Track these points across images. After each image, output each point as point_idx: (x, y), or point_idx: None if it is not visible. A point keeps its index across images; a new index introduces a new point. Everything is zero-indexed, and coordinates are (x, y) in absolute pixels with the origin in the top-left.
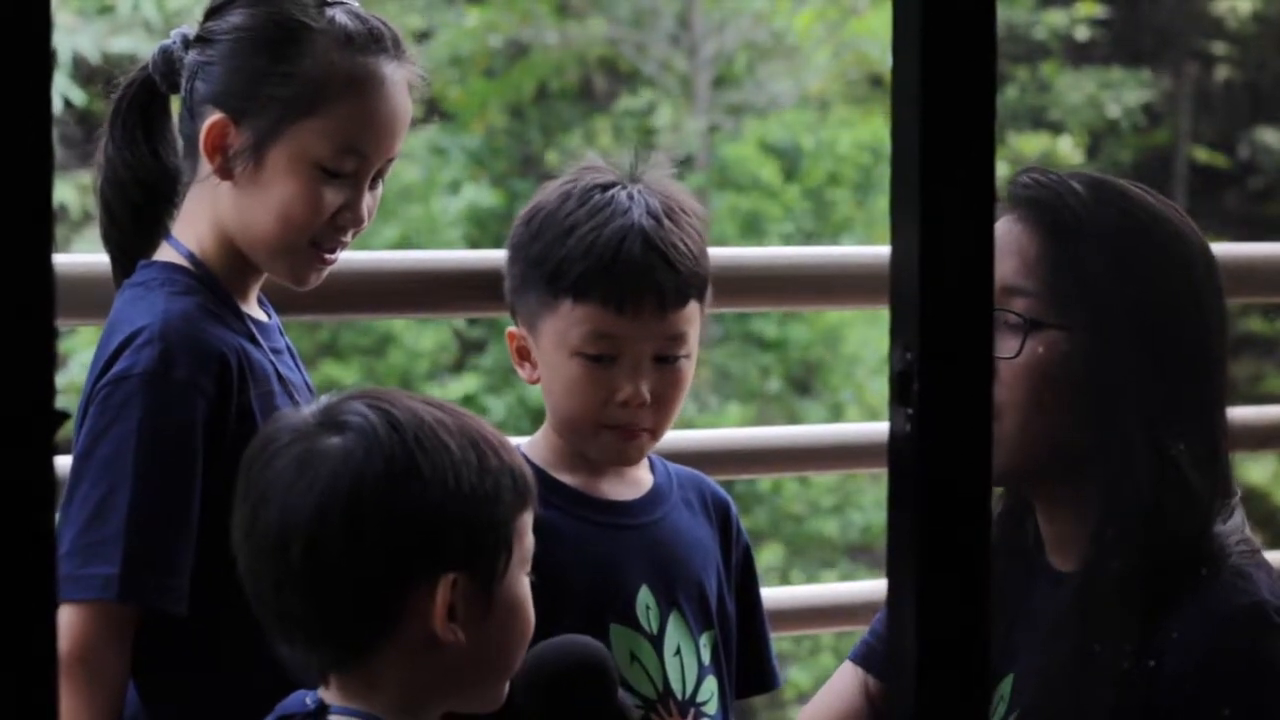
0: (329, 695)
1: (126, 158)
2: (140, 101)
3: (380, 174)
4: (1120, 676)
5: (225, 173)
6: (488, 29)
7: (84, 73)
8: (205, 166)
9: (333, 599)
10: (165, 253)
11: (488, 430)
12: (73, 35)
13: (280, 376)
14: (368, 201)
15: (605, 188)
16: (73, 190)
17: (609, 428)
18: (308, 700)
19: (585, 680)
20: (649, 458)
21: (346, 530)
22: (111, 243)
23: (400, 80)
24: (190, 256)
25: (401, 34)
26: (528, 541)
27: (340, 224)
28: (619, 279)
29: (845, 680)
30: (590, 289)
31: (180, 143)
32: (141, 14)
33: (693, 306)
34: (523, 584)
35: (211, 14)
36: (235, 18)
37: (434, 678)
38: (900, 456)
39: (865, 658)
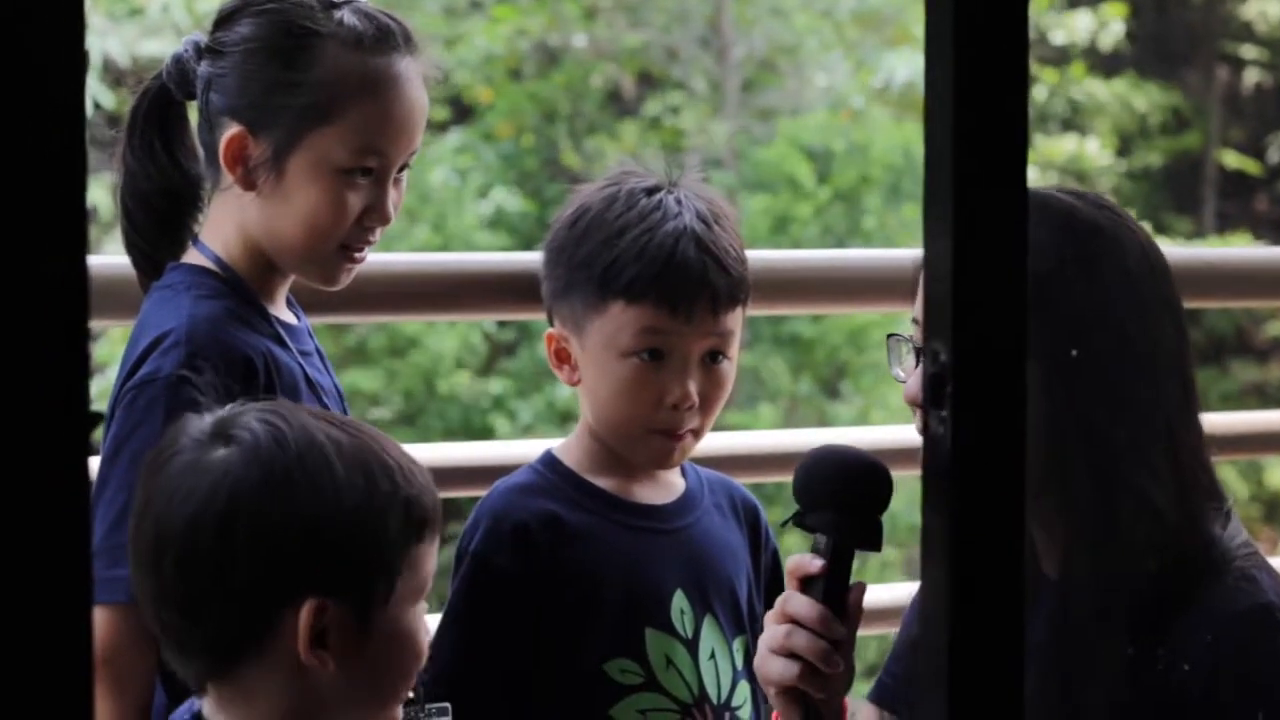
0: (207, 706)
1: (147, 167)
2: (156, 111)
3: (404, 168)
4: (1123, 685)
5: (248, 184)
6: (517, 33)
7: (114, 75)
8: (228, 177)
9: (202, 613)
10: (192, 256)
11: (390, 456)
12: (103, 38)
13: (309, 379)
14: (392, 197)
15: (650, 191)
16: (104, 192)
17: (657, 431)
18: (190, 709)
19: (878, 476)
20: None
21: (216, 545)
22: (135, 249)
23: (414, 75)
24: (217, 260)
25: (412, 27)
26: (423, 572)
27: (367, 224)
28: (674, 281)
29: None
30: (645, 290)
31: (200, 149)
32: (171, 17)
33: (739, 309)
34: (411, 616)
35: (220, 24)
36: (244, 28)
37: (305, 702)
38: (934, 459)
39: (883, 697)
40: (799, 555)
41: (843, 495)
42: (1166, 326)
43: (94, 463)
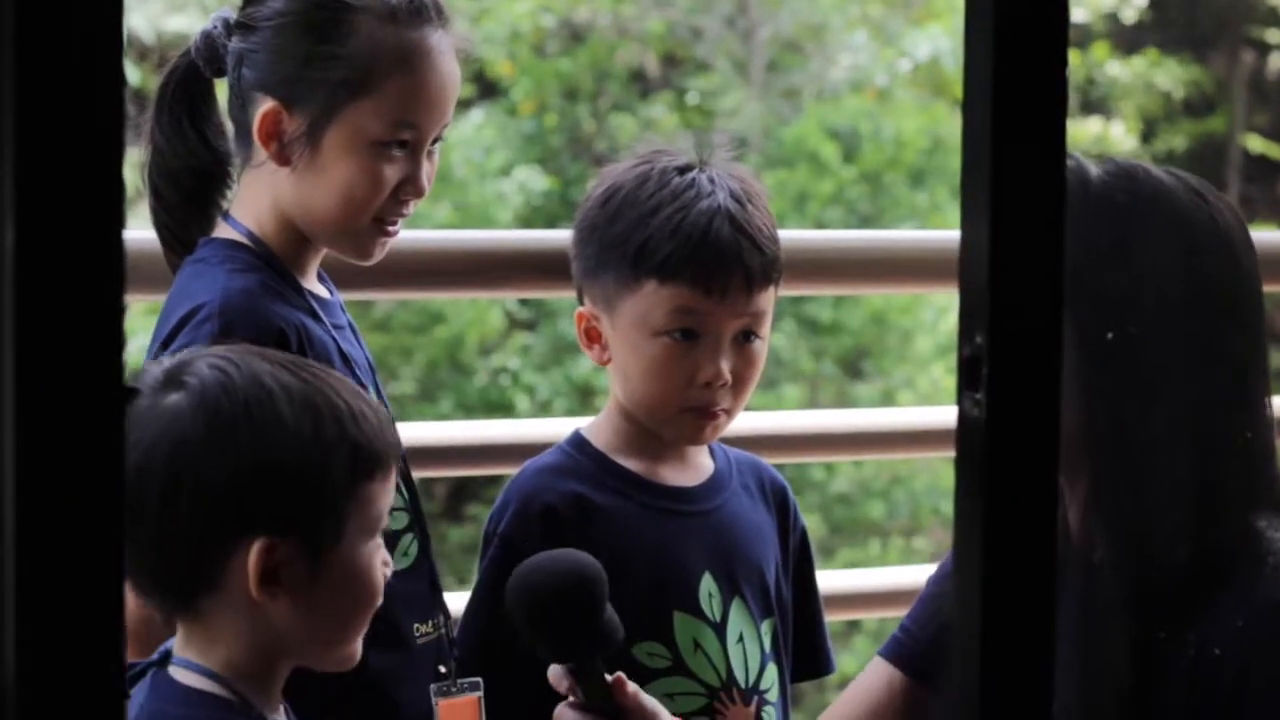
0: (176, 643)
1: (176, 146)
2: (185, 88)
3: (436, 140)
4: (1152, 668)
5: (282, 159)
6: (541, 9)
7: (138, 51)
8: (261, 152)
9: (156, 555)
10: (224, 231)
11: (341, 399)
12: (128, 13)
13: (342, 353)
14: (426, 169)
15: (683, 170)
16: (129, 168)
17: (689, 410)
18: (163, 648)
19: (567, 595)
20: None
21: (163, 491)
22: (164, 227)
23: (447, 47)
24: (250, 235)
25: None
26: (374, 510)
27: (402, 197)
28: (709, 259)
29: (873, 677)
30: (680, 269)
31: (229, 126)
32: None
33: (771, 288)
34: (363, 552)
35: (250, 1)
36: (277, 3)
37: (264, 638)
38: (968, 442)
39: (896, 653)
40: (553, 669)
41: (547, 626)
42: (1214, 315)
43: None
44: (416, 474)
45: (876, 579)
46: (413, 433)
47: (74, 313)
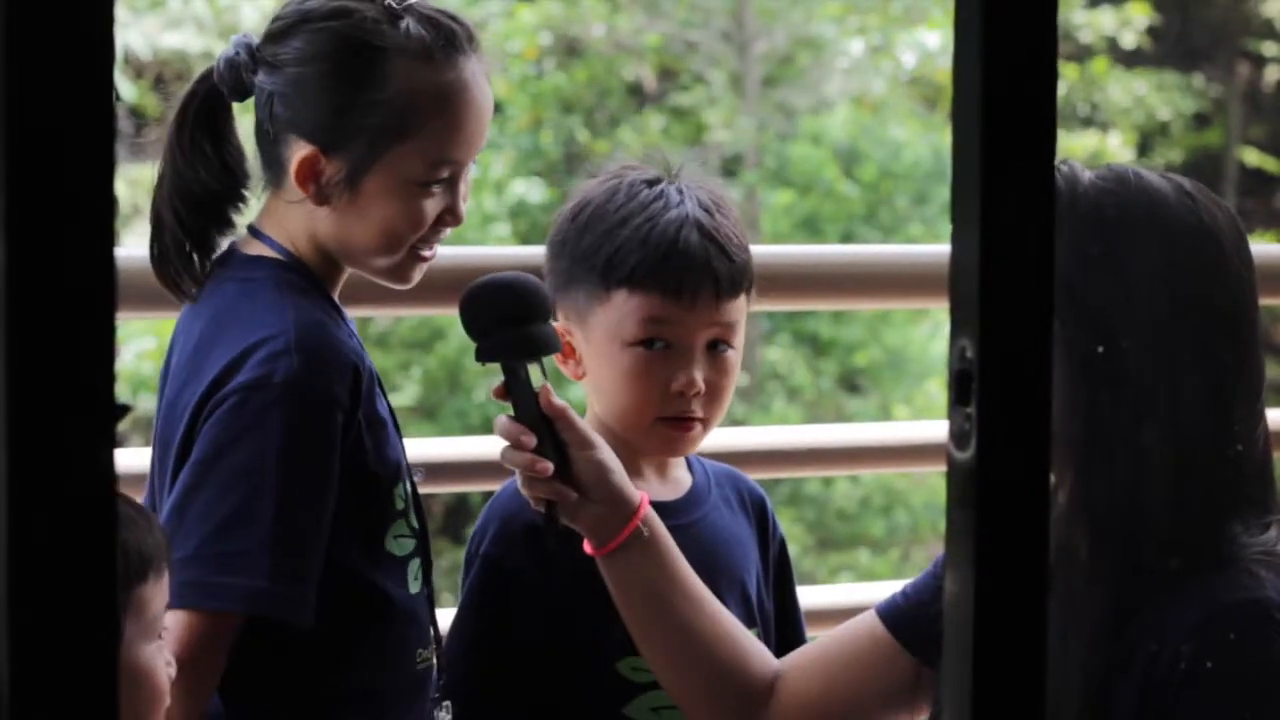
0: None
1: (198, 171)
2: (206, 112)
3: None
4: (1118, 662)
5: (320, 200)
6: (538, 24)
7: (135, 68)
8: (295, 189)
9: None
10: (256, 247)
11: None
12: (124, 30)
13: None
14: (462, 194)
15: (651, 183)
16: (123, 185)
17: (664, 420)
18: None
19: (491, 291)
20: (687, 456)
21: None
22: (175, 247)
23: (481, 76)
24: (286, 254)
25: (471, 23)
26: (150, 612)
27: (441, 226)
28: (677, 268)
29: (862, 628)
30: (648, 278)
31: (253, 148)
32: (192, 9)
33: (742, 298)
34: (145, 655)
35: (276, 37)
36: (303, 44)
37: None
38: (959, 456)
39: (890, 615)
40: (496, 386)
41: (480, 322)
42: (1200, 323)
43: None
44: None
45: (872, 594)
46: (412, 449)
47: (65, 331)
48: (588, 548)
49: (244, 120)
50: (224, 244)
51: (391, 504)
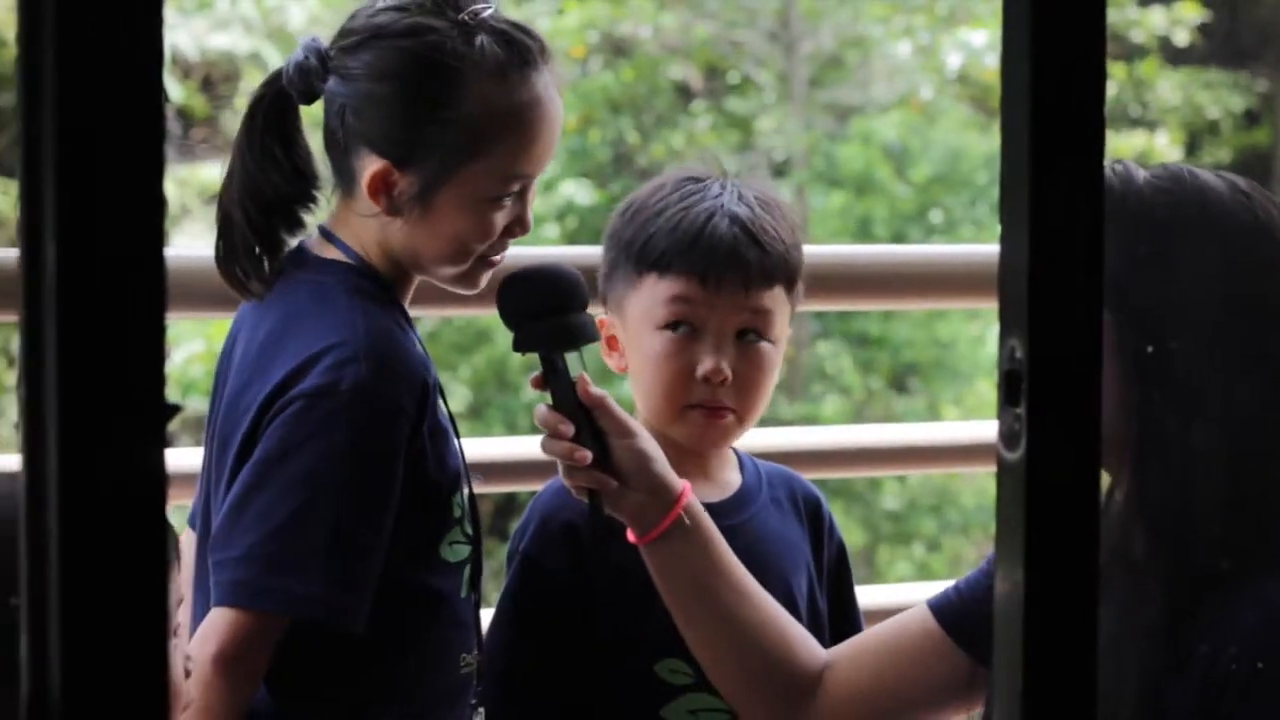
0: None
1: (269, 175)
2: (275, 116)
3: None
4: (1174, 664)
5: (392, 212)
6: (585, 24)
7: (182, 69)
8: (366, 201)
9: None
10: (327, 250)
11: None
12: (172, 31)
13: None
14: (529, 201)
15: (697, 179)
16: (172, 185)
17: (692, 408)
18: None
19: (529, 283)
20: (739, 457)
21: None
22: (244, 248)
23: (552, 86)
24: (359, 260)
25: (543, 36)
26: None
27: (509, 236)
28: (703, 252)
29: (914, 620)
30: (674, 261)
31: (324, 151)
32: (240, 11)
33: (778, 292)
34: None
35: (350, 48)
36: (375, 58)
37: None
38: (1008, 456)
39: (942, 608)
40: (534, 376)
41: (517, 312)
42: (1255, 322)
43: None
44: None
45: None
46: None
47: (116, 330)
48: (630, 536)
49: (312, 126)
50: (292, 243)
51: (450, 512)
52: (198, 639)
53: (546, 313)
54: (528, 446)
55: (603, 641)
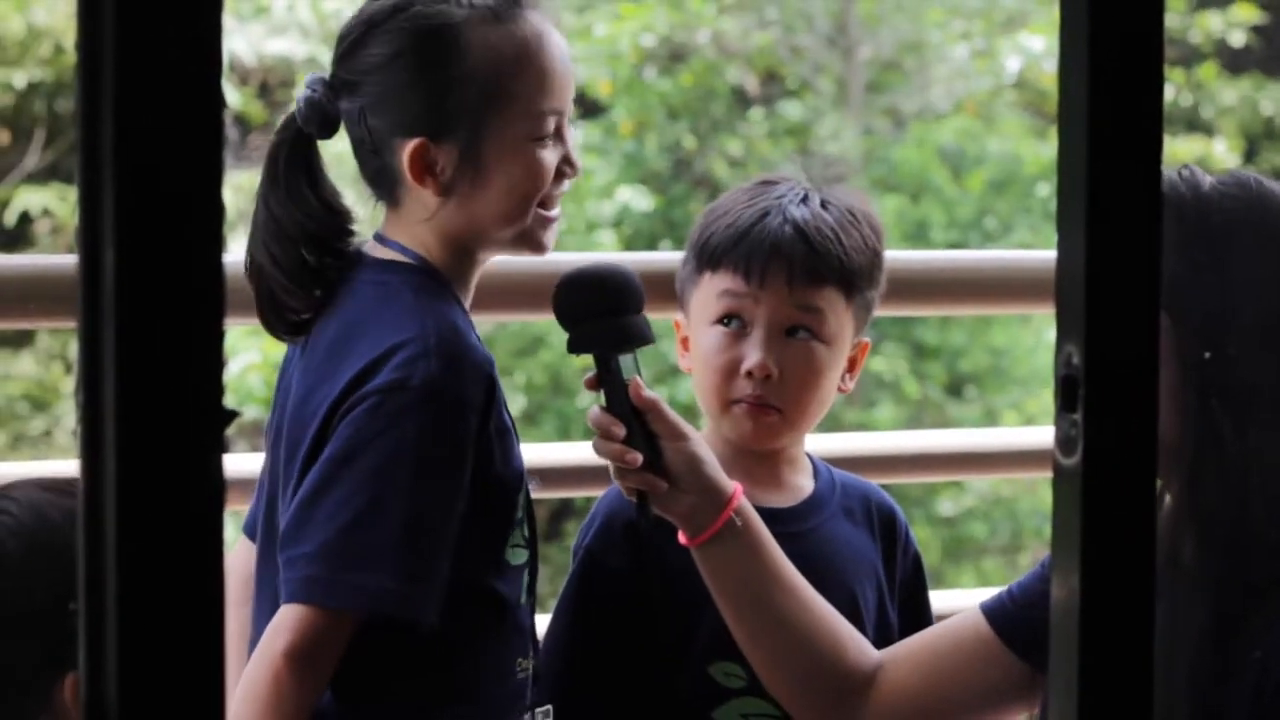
0: None
1: (295, 214)
2: (298, 156)
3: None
4: (1225, 674)
5: (443, 190)
6: (642, 29)
7: (240, 74)
8: (409, 192)
9: None
10: (383, 252)
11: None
12: (229, 37)
13: None
14: (570, 141)
15: (770, 183)
16: (229, 191)
17: (738, 402)
18: None
19: (583, 283)
20: (814, 464)
21: None
22: (279, 291)
23: (549, 25)
24: (419, 259)
25: None
26: None
27: (561, 179)
28: (750, 246)
29: (967, 624)
30: (723, 256)
31: (356, 178)
32: (296, 15)
33: (831, 292)
34: None
35: (350, 53)
36: (381, 47)
37: None
38: (1065, 463)
39: (995, 612)
40: (588, 376)
41: (573, 312)
42: None
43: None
44: None
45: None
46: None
47: (174, 335)
48: (682, 538)
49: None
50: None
51: (514, 512)
52: (267, 636)
53: (601, 314)
54: (583, 451)
55: (659, 642)
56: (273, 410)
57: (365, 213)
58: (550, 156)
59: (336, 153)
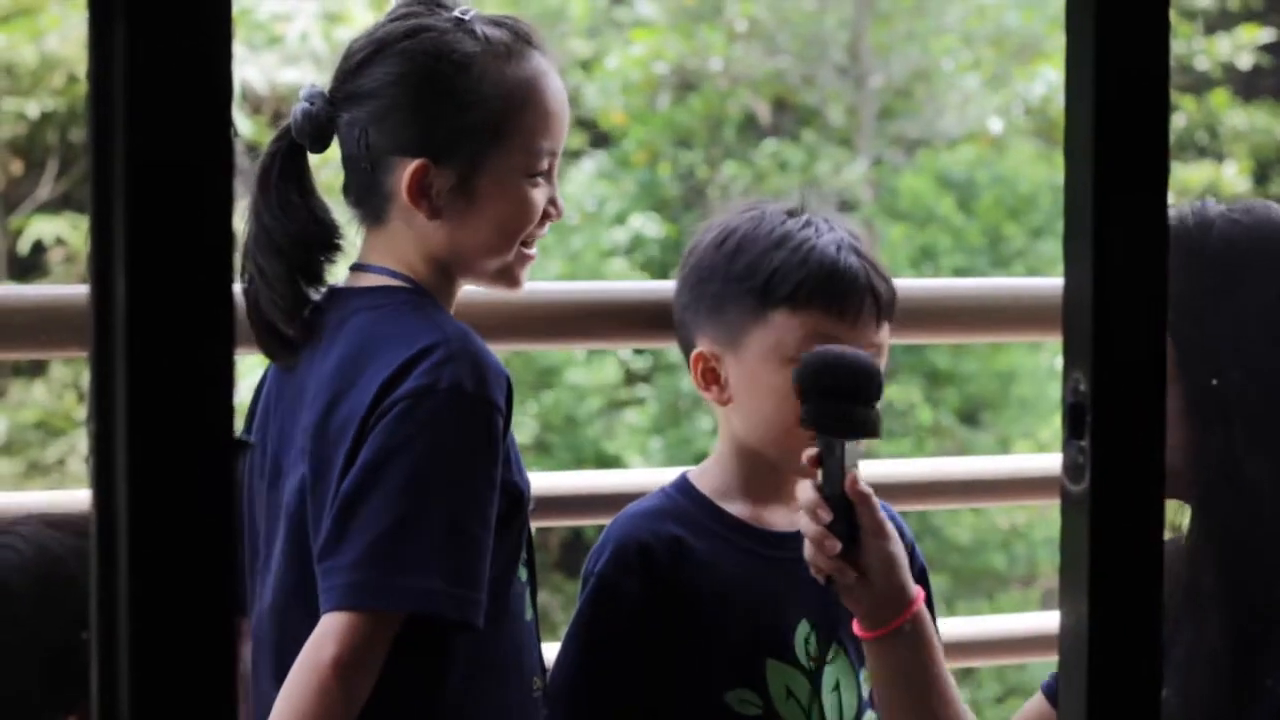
0: None
1: (284, 223)
2: (290, 166)
3: None
4: (1243, 700)
5: (435, 212)
6: (653, 57)
7: (252, 103)
8: (398, 210)
9: None
10: (366, 279)
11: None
12: (241, 65)
13: None
14: (556, 184)
15: (792, 213)
16: (240, 220)
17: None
18: None
19: (829, 364)
20: None
21: None
22: (266, 301)
23: (552, 67)
24: (406, 279)
25: (530, 24)
26: None
27: (545, 220)
28: (842, 285)
29: (1033, 709)
30: (812, 296)
31: (343, 191)
32: (309, 45)
33: (887, 326)
34: None
35: (357, 69)
36: (390, 66)
37: None
38: (1073, 490)
39: (1055, 692)
40: (808, 451)
41: (814, 388)
42: None
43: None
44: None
45: (993, 626)
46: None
47: (185, 364)
48: (856, 628)
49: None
50: (315, 296)
51: (526, 524)
52: (310, 648)
53: (843, 397)
54: (595, 480)
55: (673, 667)
56: (254, 449)
57: (351, 232)
58: (539, 196)
59: (324, 181)
